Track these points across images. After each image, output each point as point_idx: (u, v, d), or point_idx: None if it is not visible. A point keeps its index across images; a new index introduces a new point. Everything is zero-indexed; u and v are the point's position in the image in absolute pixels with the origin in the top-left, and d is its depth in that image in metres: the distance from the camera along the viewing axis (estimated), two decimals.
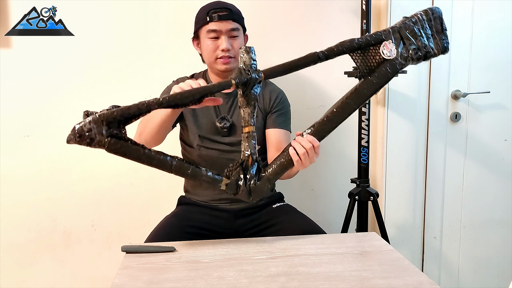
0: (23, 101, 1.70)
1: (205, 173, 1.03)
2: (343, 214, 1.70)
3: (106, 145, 0.94)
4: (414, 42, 1.11)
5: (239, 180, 1.06)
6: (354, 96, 1.11)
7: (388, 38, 1.10)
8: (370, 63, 1.11)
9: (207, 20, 1.35)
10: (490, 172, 1.96)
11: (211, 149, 1.41)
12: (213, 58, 1.37)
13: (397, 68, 1.10)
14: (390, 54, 1.10)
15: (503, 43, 1.89)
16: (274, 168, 1.09)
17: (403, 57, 1.11)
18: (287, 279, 0.92)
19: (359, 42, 1.09)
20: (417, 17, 1.13)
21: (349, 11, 1.81)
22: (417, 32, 1.11)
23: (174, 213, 1.44)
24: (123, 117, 0.95)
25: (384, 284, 0.89)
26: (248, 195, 1.07)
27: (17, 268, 1.77)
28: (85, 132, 0.93)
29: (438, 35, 1.15)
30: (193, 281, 0.92)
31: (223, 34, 1.35)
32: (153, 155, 0.99)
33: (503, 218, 2.00)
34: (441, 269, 1.99)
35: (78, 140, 0.93)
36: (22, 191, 1.73)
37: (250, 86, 1.05)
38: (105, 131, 0.93)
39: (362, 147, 1.68)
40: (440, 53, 1.15)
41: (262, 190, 1.08)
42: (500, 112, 1.93)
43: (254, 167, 1.07)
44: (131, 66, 1.73)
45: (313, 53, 1.08)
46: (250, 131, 1.07)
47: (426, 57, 1.14)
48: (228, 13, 1.35)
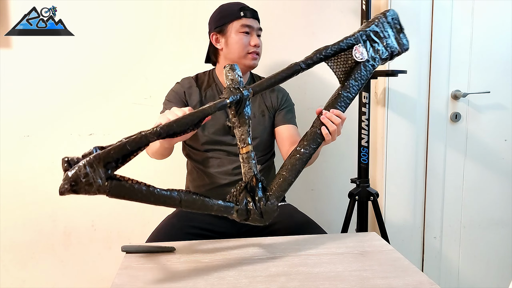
0: (23, 101, 1.70)
1: (215, 203, 0.96)
2: (343, 214, 1.70)
3: (108, 189, 0.83)
4: (379, 43, 1.19)
5: (248, 205, 1.01)
6: (338, 100, 1.14)
7: (358, 42, 1.16)
8: (344, 67, 1.16)
9: (241, 15, 1.38)
10: (490, 172, 1.97)
11: (219, 150, 1.41)
12: (244, 52, 1.40)
13: (370, 68, 1.17)
14: (362, 56, 1.16)
15: (503, 43, 1.89)
16: (279, 183, 1.07)
17: (373, 58, 1.18)
18: (287, 279, 0.92)
19: (334, 48, 1.13)
20: (378, 20, 1.21)
21: (349, 11, 1.81)
22: (381, 34, 1.20)
23: (175, 213, 1.44)
24: (121, 155, 0.84)
25: (384, 284, 0.89)
26: (260, 217, 1.02)
27: (17, 268, 1.77)
28: (81, 178, 0.80)
29: (398, 35, 1.24)
30: (193, 281, 0.92)
31: (254, 31, 1.40)
32: (158, 193, 0.90)
33: (503, 218, 2.00)
34: (441, 269, 1.99)
35: (74, 189, 0.81)
36: (22, 191, 1.73)
37: (243, 104, 1.02)
38: (103, 174, 0.81)
39: (362, 147, 1.68)
40: (403, 51, 1.24)
41: (273, 210, 1.04)
42: (500, 112, 1.93)
43: (259, 188, 1.04)
44: (131, 66, 1.73)
45: (294, 64, 1.10)
46: (249, 151, 1.04)
47: (391, 56, 1.22)
48: (256, 13, 1.43)
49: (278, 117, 1.46)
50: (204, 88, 1.45)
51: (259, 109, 1.45)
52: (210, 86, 1.45)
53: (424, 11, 1.83)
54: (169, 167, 1.71)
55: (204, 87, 1.45)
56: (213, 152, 1.41)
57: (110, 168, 0.83)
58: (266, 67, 1.72)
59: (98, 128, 1.74)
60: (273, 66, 1.77)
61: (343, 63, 1.16)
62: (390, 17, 1.23)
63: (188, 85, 1.44)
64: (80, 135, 1.73)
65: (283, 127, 1.44)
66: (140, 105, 1.74)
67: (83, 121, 1.73)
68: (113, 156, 0.83)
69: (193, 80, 1.46)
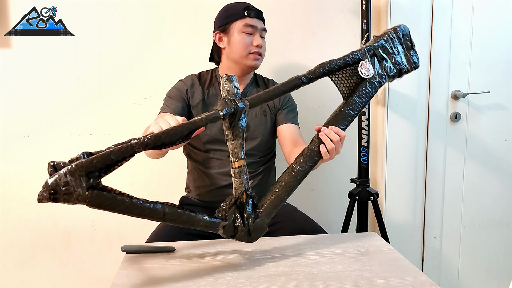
0: (23, 101, 1.70)
1: (201, 218, 0.93)
2: (343, 214, 1.70)
3: (87, 199, 0.81)
4: (388, 60, 1.14)
5: (235, 221, 0.98)
6: (339, 118, 1.10)
7: (364, 57, 1.12)
8: (349, 83, 1.12)
9: (245, 15, 1.37)
10: (490, 172, 1.97)
11: (219, 150, 1.41)
12: (246, 52, 1.39)
13: (376, 85, 1.12)
14: (368, 73, 1.12)
15: (503, 43, 1.89)
16: (271, 200, 1.03)
17: (379, 74, 1.13)
18: (287, 279, 0.92)
19: (338, 63, 1.10)
20: (387, 35, 1.16)
21: (349, 11, 1.81)
22: (390, 50, 1.15)
23: None
24: (104, 164, 0.81)
25: (384, 284, 0.89)
26: (247, 235, 0.99)
27: (17, 268, 1.77)
28: (60, 187, 0.78)
29: (408, 52, 1.18)
30: (193, 281, 0.92)
31: (257, 31, 1.39)
32: (142, 205, 0.87)
33: (503, 218, 2.00)
34: (441, 269, 1.99)
35: (52, 197, 0.80)
36: (22, 191, 1.73)
37: (237, 117, 0.98)
38: (84, 183, 0.79)
39: (362, 147, 1.69)
40: (412, 69, 1.18)
41: (261, 228, 1.00)
42: (500, 112, 1.93)
43: (249, 204, 0.99)
44: (131, 66, 1.73)
45: (296, 78, 1.06)
46: (241, 165, 0.99)
47: (400, 73, 1.17)
48: (261, 13, 1.42)
49: (279, 117, 1.46)
50: (207, 87, 1.45)
51: (261, 109, 1.45)
52: (213, 85, 1.45)
53: (424, 11, 1.83)
54: (170, 167, 1.72)
55: (206, 85, 1.45)
56: (214, 152, 1.41)
57: (93, 177, 0.80)
58: (266, 67, 1.72)
59: (98, 128, 1.74)
60: (273, 66, 1.77)
61: (347, 79, 1.12)
62: (400, 32, 1.18)
63: (190, 83, 1.44)
64: (80, 135, 1.73)
65: (284, 126, 1.44)
66: (140, 105, 1.74)
67: (83, 121, 1.73)
68: (96, 165, 0.80)
69: (196, 78, 1.46)
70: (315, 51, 1.81)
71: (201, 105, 1.42)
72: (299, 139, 1.40)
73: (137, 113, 1.74)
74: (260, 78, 1.53)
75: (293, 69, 1.80)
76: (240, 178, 1.00)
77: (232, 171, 1.00)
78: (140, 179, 1.77)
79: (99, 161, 0.80)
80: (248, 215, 0.99)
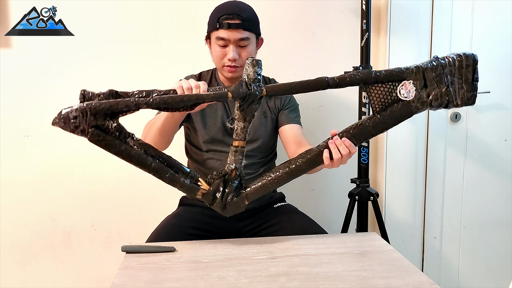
0: (23, 101, 1.70)
1: (182, 180, 1.01)
2: (343, 214, 1.70)
3: (89, 134, 0.95)
4: (437, 88, 1.00)
5: (217, 192, 1.04)
6: (359, 131, 1.06)
7: (409, 77, 1.01)
8: (384, 99, 1.03)
9: (217, 27, 1.31)
10: (490, 172, 1.96)
11: (219, 151, 1.40)
12: (220, 65, 1.36)
13: (411, 111, 1.02)
14: (407, 95, 1.01)
15: (503, 44, 1.89)
16: (256, 187, 1.06)
17: (421, 101, 1.01)
18: (287, 279, 0.92)
19: (377, 75, 1.01)
20: (448, 60, 1.02)
21: (349, 11, 1.81)
22: (443, 78, 1.00)
23: (175, 213, 1.44)
24: (110, 110, 0.96)
25: (384, 284, 0.89)
26: (222, 208, 1.04)
27: (17, 268, 1.77)
28: (70, 119, 0.95)
29: (466, 85, 1.01)
30: (193, 281, 0.92)
31: (231, 43, 1.32)
32: (133, 153, 0.98)
33: (503, 218, 2.00)
34: (441, 269, 1.99)
35: (62, 125, 0.96)
36: (22, 191, 1.73)
37: (248, 101, 1.00)
38: (90, 122, 0.94)
39: (362, 147, 1.68)
40: (463, 104, 1.02)
41: (238, 206, 1.05)
42: (500, 112, 1.93)
43: (235, 182, 1.04)
44: (131, 66, 1.73)
45: (322, 79, 1.01)
46: (239, 146, 1.04)
47: (447, 106, 1.02)
48: (239, 22, 1.29)
49: (281, 117, 1.44)
50: None
51: (261, 110, 1.44)
52: (212, 85, 1.45)
53: (424, 11, 1.83)
54: None
55: None
56: (214, 153, 1.41)
57: (99, 118, 0.95)
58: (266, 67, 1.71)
59: None
60: (273, 66, 1.77)
61: (383, 95, 1.02)
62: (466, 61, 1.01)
63: None
64: None
65: (287, 127, 1.42)
66: None
67: None
68: (103, 109, 0.95)
69: (196, 79, 1.46)
70: (315, 51, 1.81)
71: None
72: (302, 139, 1.39)
73: (137, 113, 1.73)
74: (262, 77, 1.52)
75: (293, 69, 1.80)
76: (235, 156, 1.04)
77: (231, 148, 1.05)
78: (140, 179, 1.77)
79: (106, 106, 0.95)
80: (230, 191, 1.03)
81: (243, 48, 1.34)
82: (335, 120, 1.86)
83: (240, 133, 1.04)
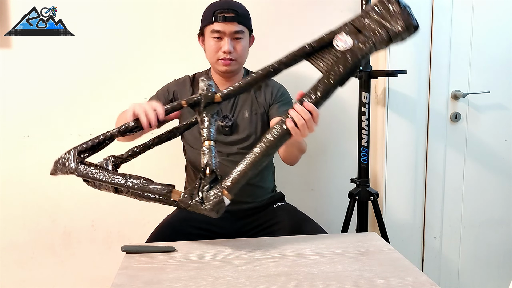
0: (23, 101, 1.70)
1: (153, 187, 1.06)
2: (343, 214, 1.70)
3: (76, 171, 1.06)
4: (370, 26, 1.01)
5: (193, 191, 1.01)
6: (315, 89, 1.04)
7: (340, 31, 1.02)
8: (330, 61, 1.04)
9: (212, 20, 1.33)
10: (490, 172, 1.97)
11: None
12: (215, 58, 1.37)
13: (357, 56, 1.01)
14: (345, 45, 1.01)
15: (503, 43, 1.89)
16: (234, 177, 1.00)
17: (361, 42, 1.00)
18: (287, 279, 0.92)
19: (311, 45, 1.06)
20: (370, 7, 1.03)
21: (349, 11, 1.81)
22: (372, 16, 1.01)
23: (175, 213, 1.44)
24: (91, 146, 1.07)
25: (384, 284, 0.89)
26: (200, 203, 1.00)
27: (17, 268, 1.77)
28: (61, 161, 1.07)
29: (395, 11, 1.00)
30: (193, 281, 0.92)
31: (226, 36, 1.34)
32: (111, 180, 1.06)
33: (503, 218, 2.00)
34: (441, 269, 1.99)
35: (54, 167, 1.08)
36: (22, 191, 1.73)
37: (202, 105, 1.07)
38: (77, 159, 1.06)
39: (362, 147, 1.69)
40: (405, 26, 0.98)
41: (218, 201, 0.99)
42: (500, 112, 1.93)
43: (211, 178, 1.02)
44: (131, 66, 1.73)
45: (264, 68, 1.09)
46: (208, 145, 1.05)
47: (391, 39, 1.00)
48: (234, 15, 1.33)
49: (272, 111, 1.43)
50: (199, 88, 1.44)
51: (251, 108, 1.43)
52: None
53: (424, 11, 1.83)
54: (168, 167, 1.71)
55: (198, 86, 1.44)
56: None
57: (83, 155, 1.07)
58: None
59: (98, 128, 1.72)
60: None
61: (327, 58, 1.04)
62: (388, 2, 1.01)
63: (182, 84, 1.45)
64: (80, 135, 1.73)
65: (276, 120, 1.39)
66: None
67: (83, 121, 1.73)
68: (85, 147, 1.07)
69: (189, 80, 1.46)
70: None
71: None
72: None
73: None
74: None
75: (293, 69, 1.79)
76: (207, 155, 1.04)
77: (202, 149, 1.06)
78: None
79: (87, 144, 1.07)
80: (204, 185, 1.02)
81: (238, 41, 1.36)
82: (335, 120, 1.86)
83: (207, 133, 1.07)
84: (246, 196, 1.41)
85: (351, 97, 1.79)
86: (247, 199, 1.42)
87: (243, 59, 1.41)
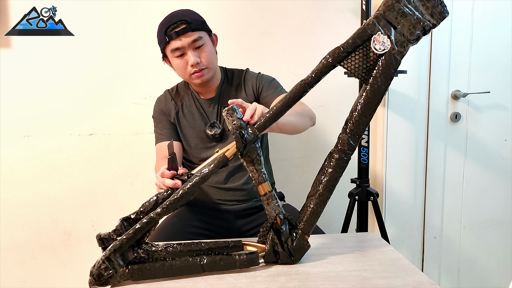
0: (23, 101, 1.69)
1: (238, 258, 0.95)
2: (343, 214, 1.70)
3: (130, 275, 0.90)
4: (405, 22, 0.96)
5: (275, 247, 0.98)
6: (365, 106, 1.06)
7: (375, 30, 0.96)
8: (365, 65, 0.98)
9: (167, 40, 1.28)
10: (490, 172, 1.97)
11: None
12: (187, 75, 1.33)
13: (397, 58, 0.97)
14: (384, 46, 0.96)
15: (503, 43, 1.89)
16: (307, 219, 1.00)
17: (399, 43, 0.96)
18: (287, 279, 0.92)
19: (345, 47, 0.96)
20: None
21: (349, 11, 1.81)
22: (405, 9, 0.95)
23: (175, 213, 1.44)
24: (134, 240, 0.92)
25: (384, 284, 0.89)
26: (289, 258, 0.99)
27: (17, 268, 1.77)
28: (103, 273, 0.91)
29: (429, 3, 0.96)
30: (193, 281, 0.92)
31: (187, 49, 1.29)
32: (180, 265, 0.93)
33: (503, 218, 2.00)
34: (441, 269, 1.99)
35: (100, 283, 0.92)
36: (22, 191, 1.73)
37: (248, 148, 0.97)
38: (122, 262, 0.91)
39: (362, 147, 1.68)
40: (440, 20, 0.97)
41: (302, 247, 1.00)
42: (500, 112, 1.93)
43: (285, 227, 0.98)
44: (131, 66, 1.73)
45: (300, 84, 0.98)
46: (266, 192, 0.99)
47: (425, 32, 0.98)
48: (185, 26, 1.27)
49: (264, 100, 1.39)
50: (181, 99, 1.43)
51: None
52: (187, 94, 1.43)
53: None
54: None
55: (180, 97, 1.43)
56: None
57: (128, 254, 0.91)
58: (266, 67, 1.72)
59: (98, 128, 1.74)
60: (273, 66, 1.77)
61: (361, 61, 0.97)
62: None
63: (164, 102, 1.44)
64: (80, 135, 1.73)
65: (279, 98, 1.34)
66: (140, 105, 1.74)
67: (83, 121, 1.73)
68: (127, 244, 0.91)
69: (168, 94, 1.45)
70: (315, 51, 1.81)
71: (176, 119, 1.41)
72: None
73: (137, 113, 1.74)
74: (232, 73, 1.46)
75: (293, 69, 1.80)
76: (269, 204, 0.99)
77: (261, 199, 1.01)
78: (140, 179, 1.77)
79: (128, 240, 0.91)
80: (286, 238, 0.99)
81: (201, 49, 1.31)
82: (335, 120, 1.86)
83: (257, 178, 0.99)
84: (245, 195, 1.41)
85: (351, 97, 1.79)
86: (247, 199, 1.42)
87: (213, 63, 1.35)
